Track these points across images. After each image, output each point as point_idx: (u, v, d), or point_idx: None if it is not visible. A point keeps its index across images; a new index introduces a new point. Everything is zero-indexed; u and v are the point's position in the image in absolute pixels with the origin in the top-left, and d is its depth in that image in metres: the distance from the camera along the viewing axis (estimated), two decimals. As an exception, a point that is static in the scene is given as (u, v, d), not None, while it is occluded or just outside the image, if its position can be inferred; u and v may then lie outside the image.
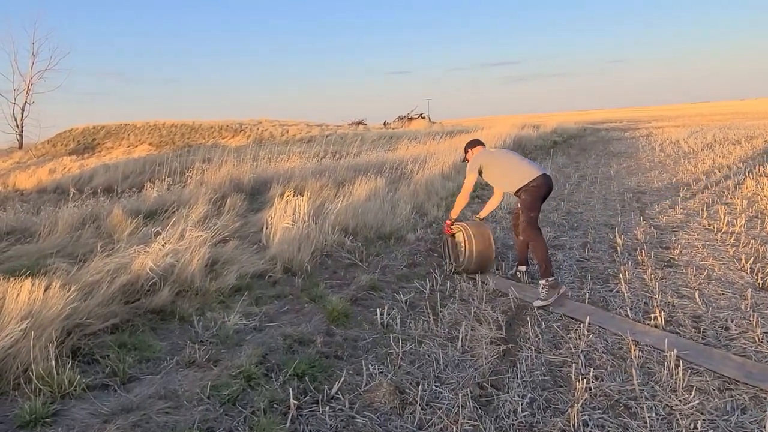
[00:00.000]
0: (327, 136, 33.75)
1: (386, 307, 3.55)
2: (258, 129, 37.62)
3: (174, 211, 5.39)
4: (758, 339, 3.11)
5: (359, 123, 46.10)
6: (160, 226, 4.45)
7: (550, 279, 3.87)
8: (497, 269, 4.67)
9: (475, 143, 4.73)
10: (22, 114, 42.86)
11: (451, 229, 4.65)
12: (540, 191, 4.17)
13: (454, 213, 4.60)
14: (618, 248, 5.19)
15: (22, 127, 43.16)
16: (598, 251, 5.19)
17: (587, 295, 3.95)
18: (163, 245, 3.81)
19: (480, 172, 4.43)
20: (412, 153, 10.63)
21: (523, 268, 4.54)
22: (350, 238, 4.93)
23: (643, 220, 6.39)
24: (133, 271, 3.35)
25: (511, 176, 4.26)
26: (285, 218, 4.70)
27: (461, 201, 4.55)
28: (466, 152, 4.72)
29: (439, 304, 3.78)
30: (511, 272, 4.59)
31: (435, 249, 5.15)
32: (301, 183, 6.78)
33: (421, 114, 49.48)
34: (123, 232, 4.47)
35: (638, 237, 5.62)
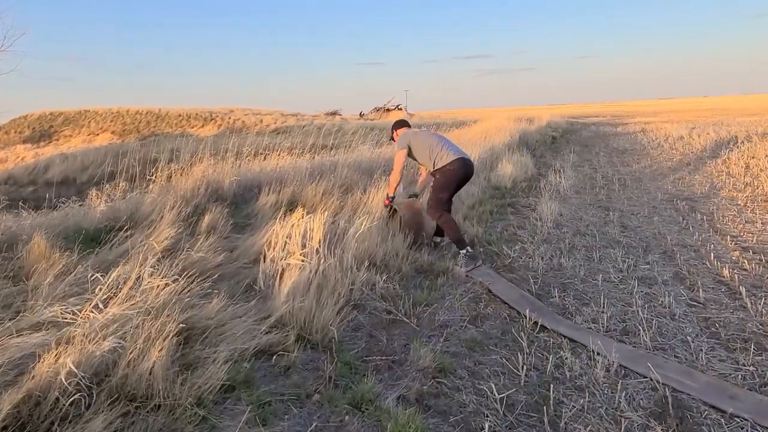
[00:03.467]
0: (303, 127, 32.01)
1: (483, 418, 2.14)
2: (230, 118, 35.65)
3: (129, 233, 3.84)
4: None
5: (334, 113, 44.47)
6: (101, 267, 2.93)
7: (469, 250, 4.20)
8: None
9: (402, 124, 4.92)
10: (-27, 99, 39.93)
11: (391, 206, 4.72)
12: (455, 175, 4.34)
13: (391, 190, 4.71)
14: (733, 285, 3.89)
15: (-27, 113, 40.24)
16: (707, 289, 3.87)
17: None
18: (102, 306, 2.31)
19: (409, 150, 4.54)
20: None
21: (437, 238, 4.71)
22: (382, 275, 3.48)
23: (727, 240, 5.13)
24: (39, 374, 1.84)
25: (432, 156, 4.40)
26: (293, 249, 3.23)
27: (395, 178, 4.61)
28: (392, 132, 4.88)
29: (551, 399, 2.38)
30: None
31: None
32: (298, 189, 5.28)
33: (398, 105, 48.14)
34: (46, 273, 2.93)
35: (744, 266, 4.34)
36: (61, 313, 2.32)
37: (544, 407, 2.32)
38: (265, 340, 2.48)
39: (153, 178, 4.88)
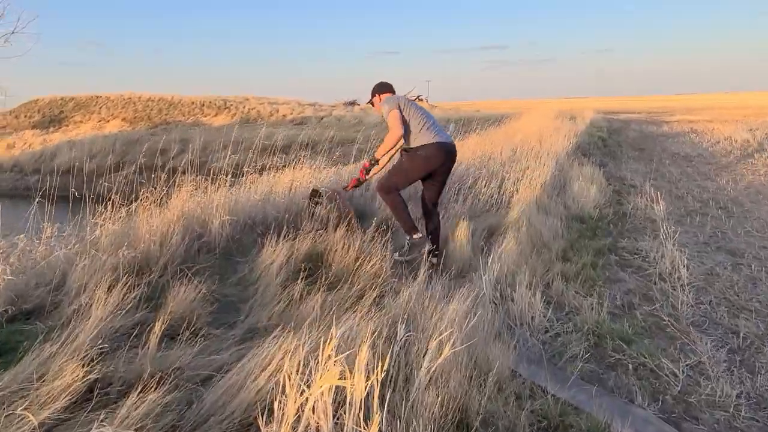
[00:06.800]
0: (322, 118, 30.34)
1: None
2: (244, 107, 34.05)
3: (27, 331, 2.15)
4: None
5: (353, 103, 42.67)
6: None
7: (415, 236, 3.70)
8: None
9: (387, 88, 4.13)
10: (-15, 81, 39.08)
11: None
12: (427, 164, 3.72)
13: (381, 152, 3.81)
14: None
15: (-15, 95, 39.30)
16: None
17: None
18: None
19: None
20: (463, 155, 7.35)
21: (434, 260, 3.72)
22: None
23: None
24: None
25: (412, 129, 3.73)
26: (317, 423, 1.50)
27: (394, 139, 3.64)
28: (373, 95, 4.14)
29: None
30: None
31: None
32: (320, 235, 3.55)
33: (419, 96, 46.25)
34: None
35: None
36: None
37: None
38: None
39: (100, 221, 3.15)
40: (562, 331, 3.08)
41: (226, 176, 4.24)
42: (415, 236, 3.69)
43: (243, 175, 4.87)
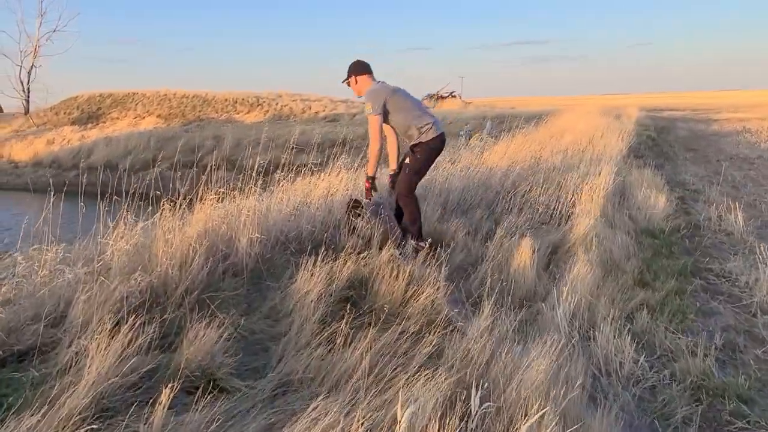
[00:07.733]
0: (354, 116, 29.92)
1: None
2: (277, 104, 33.85)
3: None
4: None
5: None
6: None
7: (421, 243, 3.59)
8: None
9: (363, 69, 3.70)
10: (29, 78, 39.95)
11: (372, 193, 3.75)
12: (434, 154, 3.73)
13: (371, 169, 3.70)
14: None
15: (29, 92, 40.17)
16: None
17: None
18: None
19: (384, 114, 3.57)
20: (511, 157, 6.78)
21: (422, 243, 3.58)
22: None
23: None
24: None
25: (414, 124, 3.61)
26: None
27: (375, 152, 3.58)
28: (349, 75, 3.71)
29: None
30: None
31: None
32: (363, 260, 3.05)
33: (452, 92, 45.38)
34: None
35: None
36: None
37: None
38: None
39: (111, 240, 2.73)
40: (658, 382, 2.52)
41: (256, 184, 3.79)
42: (422, 243, 3.59)
43: (274, 182, 4.43)
